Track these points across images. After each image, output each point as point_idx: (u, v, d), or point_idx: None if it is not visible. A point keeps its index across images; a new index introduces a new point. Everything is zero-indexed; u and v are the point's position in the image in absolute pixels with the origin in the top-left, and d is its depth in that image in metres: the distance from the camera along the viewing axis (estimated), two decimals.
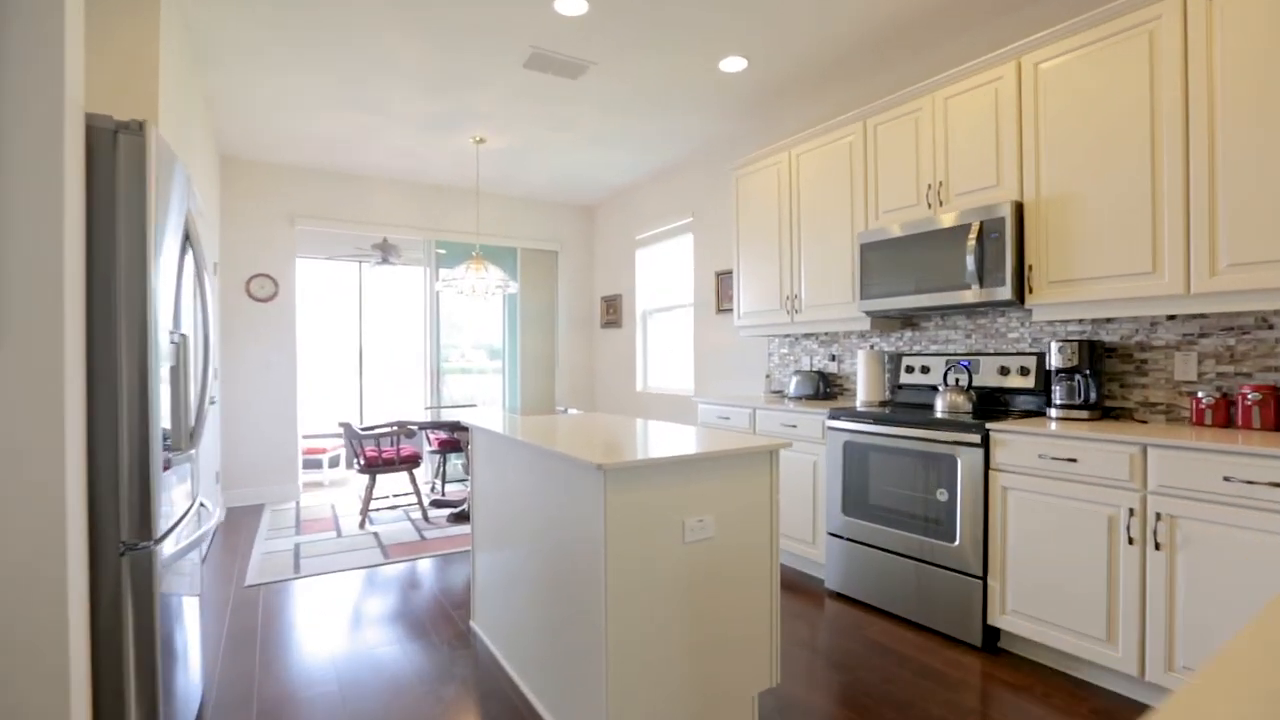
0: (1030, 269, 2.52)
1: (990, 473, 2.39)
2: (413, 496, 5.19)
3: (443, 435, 5.20)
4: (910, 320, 3.39)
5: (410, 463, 4.43)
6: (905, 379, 3.29)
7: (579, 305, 6.61)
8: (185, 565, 1.98)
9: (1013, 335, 2.91)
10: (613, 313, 6.26)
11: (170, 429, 1.68)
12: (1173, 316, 2.40)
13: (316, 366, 6.94)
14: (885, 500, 2.79)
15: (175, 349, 1.75)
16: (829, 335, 3.89)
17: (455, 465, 5.99)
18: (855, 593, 2.92)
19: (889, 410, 2.91)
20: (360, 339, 7.11)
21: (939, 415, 2.69)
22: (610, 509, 1.61)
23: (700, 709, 1.78)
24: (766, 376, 4.21)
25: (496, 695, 2.13)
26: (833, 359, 3.86)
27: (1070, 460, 2.15)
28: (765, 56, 3.31)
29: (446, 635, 2.59)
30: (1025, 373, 2.78)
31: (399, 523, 4.38)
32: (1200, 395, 2.23)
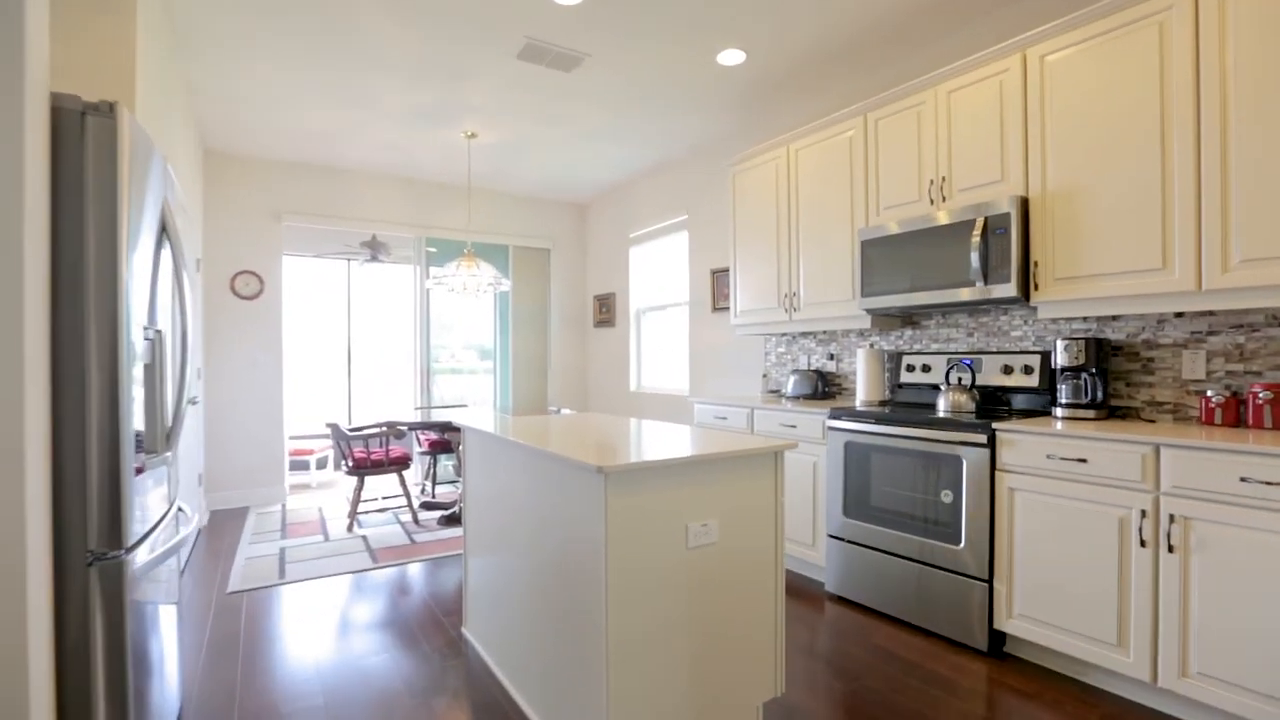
0: (1036, 265, 2.47)
1: (996, 473, 2.34)
2: (402, 499, 5.08)
3: (433, 436, 5.10)
4: (910, 318, 3.34)
5: (400, 464, 4.33)
6: (906, 378, 3.24)
7: (572, 304, 6.53)
8: (162, 573, 1.89)
9: (1016, 333, 2.86)
10: (606, 312, 6.18)
11: (144, 430, 1.59)
12: (1180, 314, 2.36)
13: (304, 366, 6.81)
14: (887, 502, 2.73)
15: (150, 346, 1.65)
16: (827, 334, 3.83)
17: (446, 467, 5.89)
18: (856, 596, 2.86)
19: (889, 410, 2.85)
20: (349, 338, 6.99)
21: (942, 415, 2.64)
22: (611, 513, 1.53)
23: None
24: (763, 376, 4.15)
25: (490, 707, 2.05)
26: (831, 358, 3.81)
27: (1080, 460, 2.10)
28: (764, 49, 3.25)
29: (437, 643, 2.50)
30: (1029, 371, 2.73)
31: (388, 526, 4.28)
32: (1209, 394, 2.18)
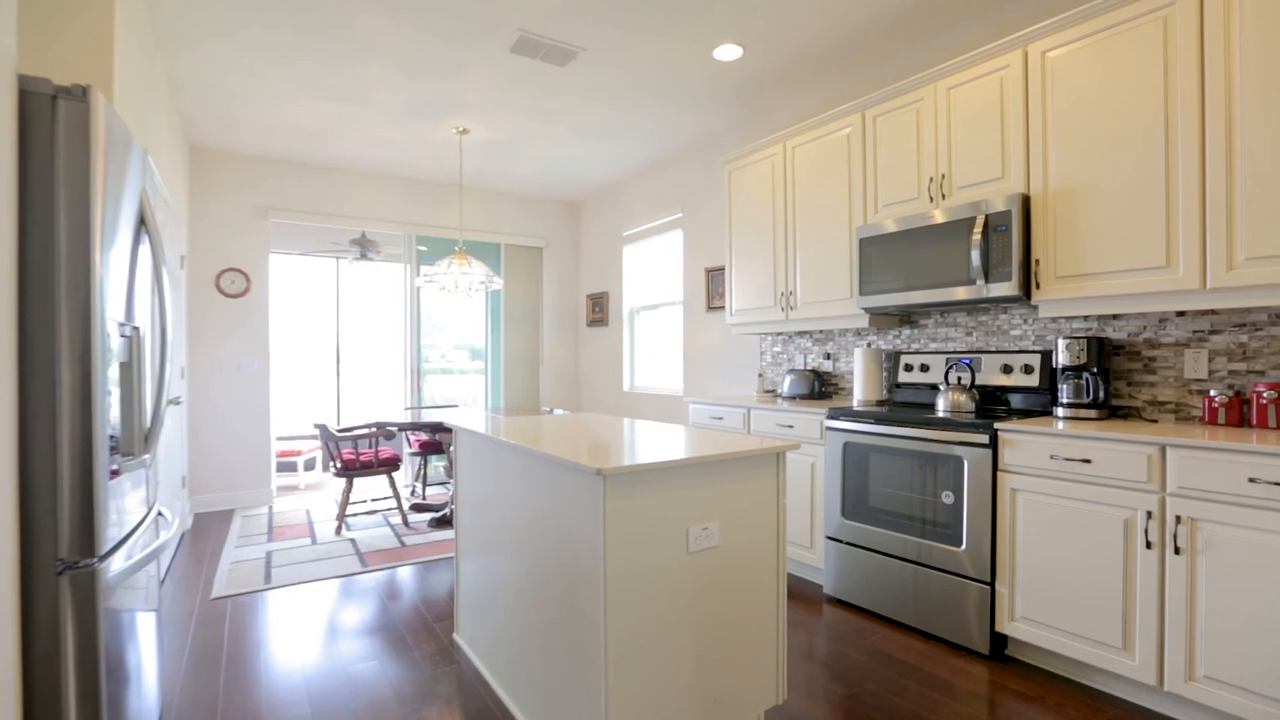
0: (1037, 263, 2.44)
1: (998, 474, 2.31)
2: (392, 501, 5.00)
3: (423, 437, 5.02)
4: (908, 317, 3.31)
5: (389, 465, 4.25)
6: (904, 377, 3.21)
7: (564, 303, 6.46)
8: (140, 579, 1.81)
9: (1015, 332, 2.84)
10: (599, 311, 6.12)
11: (121, 431, 1.52)
12: (1182, 313, 2.33)
13: (291, 366, 6.70)
14: (887, 503, 2.69)
15: (127, 343, 1.58)
16: (824, 333, 3.79)
17: (437, 468, 5.81)
18: (855, 599, 2.82)
19: (887, 410, 2.81)
20: (337, 338, 6.89)
21: (942, 415, 2.60)
22: (610, 517, 1.48)
23: None
24: (759, 375, 4.11)
25: (482, 715, 1.99)
26: (828, 357, 3.77)
27: (1084, 461, 2.07)
28: (761, 45, 3.20)
29: (428, 650, 2.44)
30: (1029, 371, 2.70)
31: (378, 528, 4.20)
32: (1213, 394, 2.16)
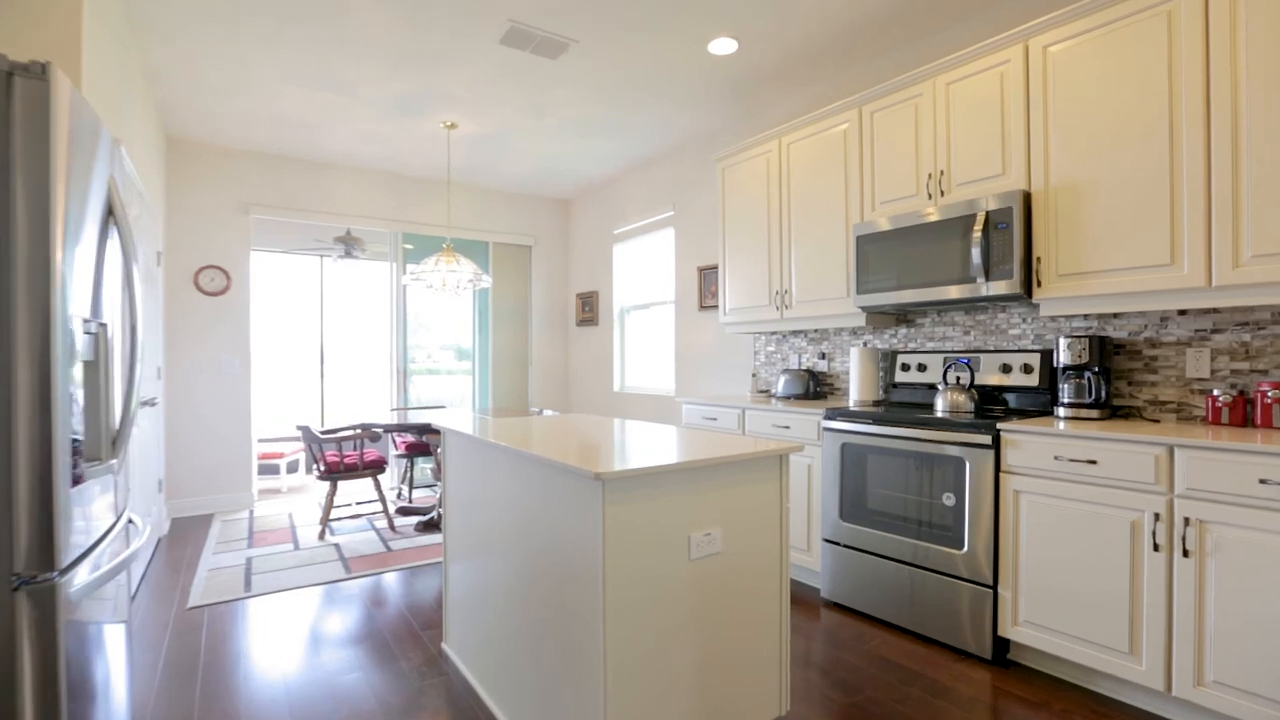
0: (1038, 261, 2.41)
1: (1001, 475, 2.27)
2: (377, 504, 4.88)
3: (410, 438, 4.91)
4: (905, 316, 3.27)
5: (375, 468, 4.15)
6: (901, 377, 3.17)
7: (553, 302, 6.37)
8: (108, 590, 1.71)
9: (1014, 332, 2.81)
10: (589, 310, 6.04)
11: (85, 435, 1.42)
12: (1184, 312, 2.31)
13: (274, 366, 6.55)
14: (886, 505, 2.65)
15: (93, 341, 1.48)
16: (819, 332, 3.75)
17: (424, 470, 5.69)
18: (853, 603, 2.77)
19: (885, 410, 2.77)
20: (321, 337, 6.75)
21: (940, 415, 2.56)
22: (609, 524, 1.41)
23: None
24: (753, 375, 4.05)
25: None
26: (823, 357, 3.73)
27: (1089, 462, 2.03)
28: (757, 39, 3.15)
29: (416, 660, 2.35)
30: (1029, 370, 2.67)
31: (363, 532, 4.09)
32: (1216, 393, 2.14)
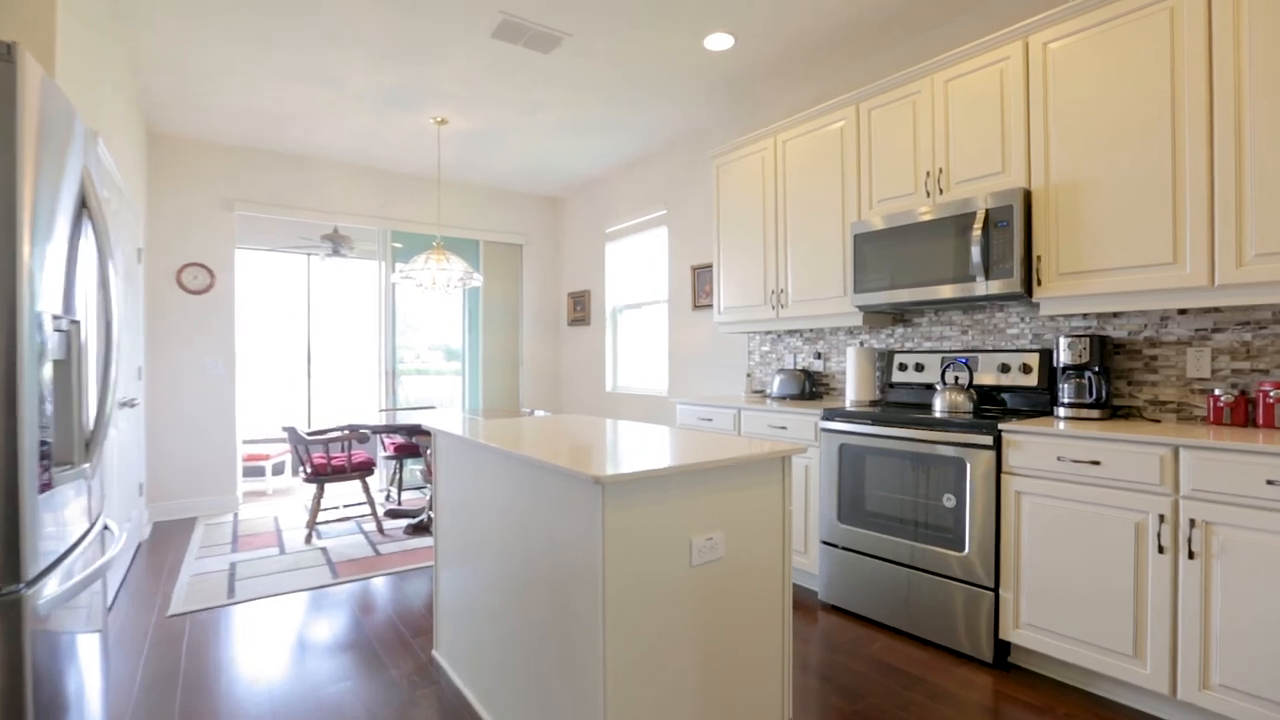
0: (1039, 260, 2.38)
1: (1003, 476, 2.24)
2: (365, 506, 4.79)
3: (399, 440, 4.83)
4: (902, 316, 3.24)
5: (363, 470, 4.06)
6: (898, 377, 3.14)
7: (545, 302, 6.31)
8: (82, 599, 1.63)
9: (1012, 331, 2.78)
10: (581, 310, 5.98)
11: (55, 438, 1.35)
12: (1184, 311, 2.29)
13: (259, 366, 6.43)
14: (885, 506, 2.61)
15: (65, 339, 1.41)
16: (814, 332, 3.72)
17: (413, 471, 5.61)
18: (851, 605, 2.74)
19: (882, 410, 2.74)
20: (308, 337, 6.63)
21: (939, 415, 2.53)
22: (610, 530, 1.36)
23: None
24: (747, 375, 4.01)
25: None
26: (818, 356, 3.69)
27: (1093, 463, 2.00)
28: (753, 34, 3.11)
29: (406, 669, 2.28)
30: (1027, 370, 2.65)
31: (350, 536, 4.00)
32: (1217, 393, 2.12)
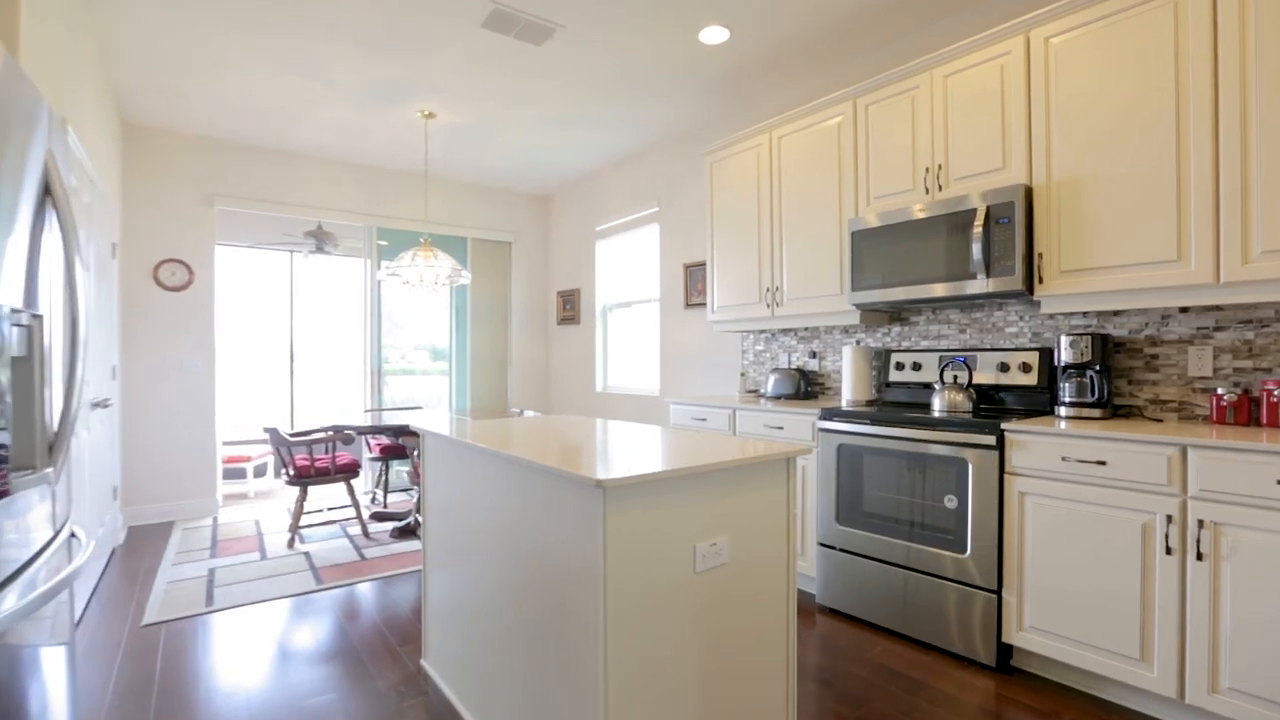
0: (1040, 257, 2.35)
1: (1005, 476, 2.20)
2: (350, 509, 4.68)
3: (385, 441, 4.72)
4: (899, 314, 3.20)
5: (347, 472, 3.96)
6: (895, 376, 3.10)
7: (534, 300, 6.22)
8: (47, 610, 1.53)
9: (1011, 330, 2.75)
10: (570, 309, 5.91)
11: (14, 441, 1.26)
12: (1186, 309, 2.27)
13: (240, 365, 6.27)
14: (884, 507, 2.57)
15: (25, 334, 1.31)
16: (809, 331, 3.67)
17: (399, 473, 5.50)
18: (849, 608, 2.69)
19: (880, 409, 2.69)
20: (291, 336, 6.48)
21: (938, 414, 2.49)
22: (611, 535, 1.29)
23: None
24: (741, 375, 3.96)
25: None
26: (814, 356, 3.65)
27: (1099, 463, 1.97)
28: (749, 27, 3.05)
29: (393, 679, 2.19)
30: (1027, 369, 2.62)
31: (335, 540, 3.90)
32: (1220, 392, 2.10)
